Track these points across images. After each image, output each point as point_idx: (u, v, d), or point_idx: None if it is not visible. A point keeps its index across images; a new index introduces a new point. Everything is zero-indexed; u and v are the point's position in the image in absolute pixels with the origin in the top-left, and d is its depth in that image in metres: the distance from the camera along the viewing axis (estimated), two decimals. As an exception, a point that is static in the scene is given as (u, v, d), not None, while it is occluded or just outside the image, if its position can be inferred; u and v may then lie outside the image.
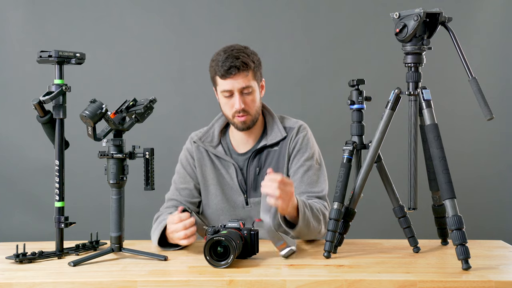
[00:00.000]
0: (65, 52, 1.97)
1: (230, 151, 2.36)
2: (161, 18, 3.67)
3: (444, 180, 1.76)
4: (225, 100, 2.26)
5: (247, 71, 2.22)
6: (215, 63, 2.25)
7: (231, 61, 2.20)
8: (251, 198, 2.32)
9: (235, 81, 2.21)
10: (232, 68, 2.20)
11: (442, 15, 1.83)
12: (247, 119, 2.26)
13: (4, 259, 1.89)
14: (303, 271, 1.75)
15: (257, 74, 2.28)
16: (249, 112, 2.25)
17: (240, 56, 2.22)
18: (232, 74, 2.20)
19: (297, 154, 2.30)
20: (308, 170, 2.28)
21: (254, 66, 2.25)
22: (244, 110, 2.24)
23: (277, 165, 2.31)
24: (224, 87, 2.23)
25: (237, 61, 2.20)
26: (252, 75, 2.24)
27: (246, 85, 2.22)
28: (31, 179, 3.60)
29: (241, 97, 2.23)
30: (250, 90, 2.24)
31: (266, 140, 2.33)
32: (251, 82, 2.24)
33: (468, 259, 1.72)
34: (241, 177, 2.32)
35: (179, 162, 2.41)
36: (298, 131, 2.34)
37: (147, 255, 1.91)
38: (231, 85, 2.22)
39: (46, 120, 1.96)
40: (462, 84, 2.40)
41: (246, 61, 2.22)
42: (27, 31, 3.58)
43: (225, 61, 2.21)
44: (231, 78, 2.21)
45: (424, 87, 1.86)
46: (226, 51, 2.24)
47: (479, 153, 3.69)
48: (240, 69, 2.20)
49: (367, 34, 3.66)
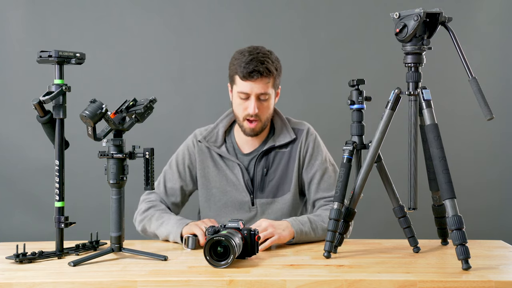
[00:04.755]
0: (65, 52, 1.97)
1: (235, 150, 2.34)
2: (161, 18, 3.66)
3: (444, 180, 1.76)
4: (240, 101, 2.24)
5: (268, 78, 2.20)
6: (238, 62, 2.21)
7: (255, 64, 2.17)
8: (257, 199, 2.31)
9: (255, 85, 2.19)
10: (255, 72, 2.17)
11: (442, 15, 1.83)
12: (257, 126, 2.24)
13: (4, 259, 1.89)
14: (303, 271, 1.75)
15: (277, 81, 2.26)
16: (261, 118, 2.24)
17: (265, 62, 2.19)
18: (254, 78, 2.18)
19: (311, 158, 2.31)
20: (324, 173, 2.30)
21: (276, 74, 2.23)
22: (257, 115, 2.22)
23: (286, 167, 2.30)
24: (242, 88, 2.21)
25: (261, 66, 2.18)
26: (272, 83, 2.23)
27: (265, 91, 2.21)
28: (31, 179, 3.59)
29: (256, 102, 2.21)
30: (267, 97, 2.22)
31: (274, 141, 2.31)
32: (269, 90, 2.22)
33: (468, 259, 1.72)
34: (247, 177, 2.31)
35: (176, 156, 2.38)
36: (308, 134, 2.34)
37: (147, 255, 1.91)
38: (250, 88, 2.20)
39: (46, 120, 1.96)
40: (462, 84, 2.40)
41: (270, 68, 2.20)
42: (27, 31, 3.58)
43: (250, 63, 2.18)
44: (251, 82, 2.19)
45: (424, 87, 1.86)
46: (252, 53, 2.21)
47: (479, 153, 3.69)
48: (262, 75, 2.18)
49: (367, 34, 3.65)
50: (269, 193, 2.31)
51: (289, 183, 2.31)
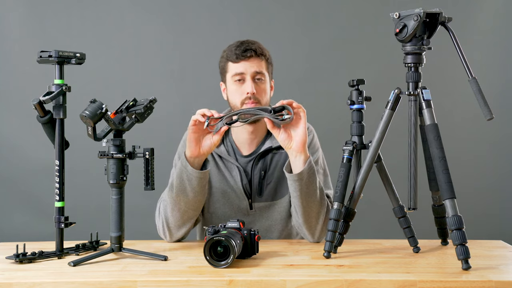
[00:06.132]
0: (65, 52, 1.97)
1: (235, 151, 2.31)
2: (161, 18, 3.67)
3: (444, 180, 1.76)
4: (236, 87, 2.20)
5: (261, 58, 2.20)
6: (228, 49, 2.23)
7: (247, 45, 2.19)
8: (256, 203, 2.27)
9: (249, 64, 2.18)
10: (248, 51, 2.18)
11: (442, 15, 1.82)
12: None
13: (4, 259, 1.89)
14: (303, 271, 1.75)
15: (270, 68, 2.25)
16: (260, 101, 2.19)
17: (256, 43, 2.22)
18: (247, 56, 2.18)
19: None
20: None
21: (268, 58, 2.23)
22: (256, 97, 2.18)
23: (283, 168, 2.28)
24: (236, 70, 2.19)
25: (253, 45, 2.20)
26: (266, 65, 2.22)
27: (260, 70, 2.19)
28: (31, 179, 3.60)
29: (253, 83, 2.18)
30: (263, 78, 2.20)
31: (271, 142, 2.28)
32: (265, 71, 2.21)
33: (468, 259, 1.72)
34: (245, 180, 2.27)
35: (178, 157, 2.31)
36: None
37: (147, 255, 1.91)
38: (244, 68, 2.18)
39: (46, 120, 1.96)
40: (462, 84, 2.40)
41: (262, 48, 2.22)
42: (27, 31, 3.58)
43: (240, 46, 2.19)
44: (245, 61, 2.18)
45: (424, 87, 1.86)
46: (239, 41, 2.23)
47: (479, 153, 3.70)
48: (256, 53, 2.18)
49: (367, 34, 3.66)
50: (267, 196, 2.28)
51: (286, 185, 2.27)
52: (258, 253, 1.91)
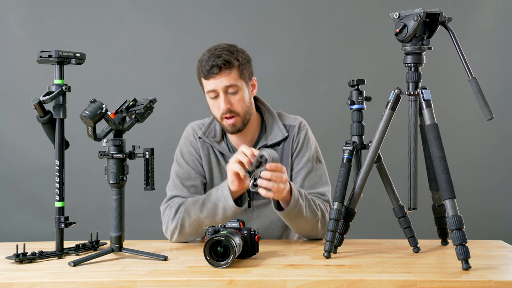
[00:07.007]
0: (65, 52, 1.97)
1: (233, 149, 2.30)
2: (161, 18, 3.67)
3: (444, 180, 1.76)
4: (212, 102, 2.20)
5: (230, 69, 2.14)
6: (199, 64, 2.19)
7: (213, 60, 2.14)
8: (254, 201, 2.28)
9: (218, 80, 2.14)
10: (213, 68, 2.13)
11: (442, 15, 1.82)
12: (236, 121, 2.18)
13: (4, 259, 1.89)
14: (303, 271, 1.75)
15: (244, 72, 2.19)
16: (237, 112, 2.18)
17: (223, 55, 2.14)
18: (215, 74, 2.14)
19: (299, 154, 2.27)
20: (309, 172, 2.26)
21: (239, 64, 2.16)
22: (231, 110, 2.17)
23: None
24: (208, 87, 2.18)
25: (218, 59, 2.13)
26: (237, 74, 2.16)
27: (230, 83, 2.15)
28: (31, 179, 3.60)
29: (226, 97, 2.16)
30: (236, 89, 2.16)
31: (266, 140, 2.28)
32: (237, 81, 2.16)
33: (468, 259, 1.72)
34: None
35: (180, 154, 2.31)
36: (299, 129, 2.30)
37: (147, 255, 1.91)
38: (214, 85, 2.15)
39: (46, 120, 1.96)
40: (462, 84, 2.40)
41: (229, 59, 2.14)
42: (27, 31, 3.58)
43: (208, 61, 2.14)
44: (213, 78, 2.15)
45: (424, 87, 1.86)
46: (210, 51, 2.18)
47: (479, 153, 3.70)
48: (222, 68, 2.13)
49: (367, 34, 3.66)
50: None
51: None
52: (258, 253, 1.91)
